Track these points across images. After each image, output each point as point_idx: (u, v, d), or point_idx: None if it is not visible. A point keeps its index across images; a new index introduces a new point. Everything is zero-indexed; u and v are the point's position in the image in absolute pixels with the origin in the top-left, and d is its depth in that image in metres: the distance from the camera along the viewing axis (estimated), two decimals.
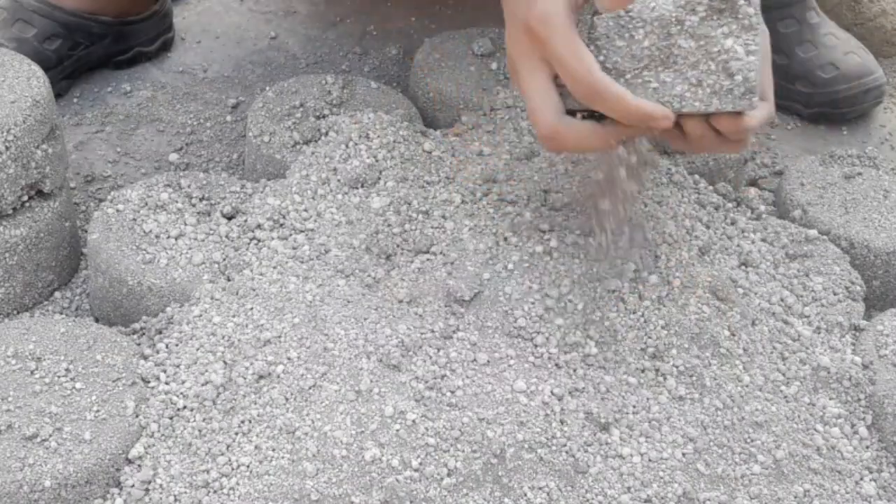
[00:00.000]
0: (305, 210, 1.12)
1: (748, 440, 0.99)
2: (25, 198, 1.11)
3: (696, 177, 1.23)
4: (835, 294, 1.13)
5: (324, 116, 1.25)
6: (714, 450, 0.98)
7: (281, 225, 1.11)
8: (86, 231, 1.22)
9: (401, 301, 1.04)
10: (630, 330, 1.05)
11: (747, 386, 1.03)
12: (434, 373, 0.97)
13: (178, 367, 0.99)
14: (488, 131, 1.21)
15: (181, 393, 0.97)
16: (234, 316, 1.02)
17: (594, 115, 0.96)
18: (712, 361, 1.04)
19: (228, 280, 1.07)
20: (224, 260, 1.09)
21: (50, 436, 0.93)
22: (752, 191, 1.29)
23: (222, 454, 0.93)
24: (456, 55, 1.36)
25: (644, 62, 0.97)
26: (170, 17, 1.52)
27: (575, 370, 1.01)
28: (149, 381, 0.99)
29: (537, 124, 0.96)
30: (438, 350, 1.00)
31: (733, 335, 1.06)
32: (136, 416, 0.96)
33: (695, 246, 1.13)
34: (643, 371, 1.02)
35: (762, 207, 1.24)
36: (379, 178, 1.14)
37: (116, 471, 0.93)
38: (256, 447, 0.93)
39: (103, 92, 1.45)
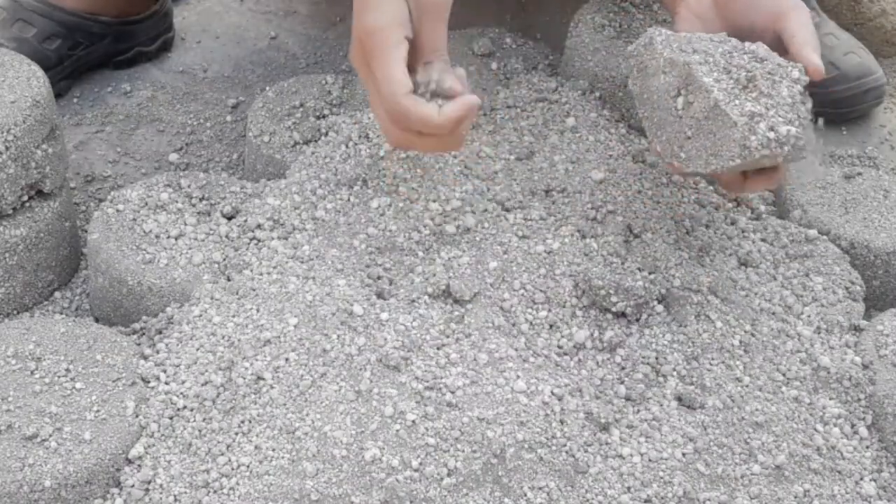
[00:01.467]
0: (305, 210, 1.12)
1: (748, 440, 0.99)
2: (25, 198, 1.11)
3: (696, 177, 1.23)
4: (835, 294, 1.13)
5: (324, 116, 1.25)
6: (714, 450, 0.98)
7: (281, 225, 1.11)
8: (86, 231, 1.22)
9: (401, 301, 1.04)
10: (630, 336, 1.05)
11: (747, 386, 1.03)
12: (434, 373, 0.97)
13: (178, 367, 0.99)
14: (488, 131, 1.21)
15: (181, 393, 0.97)
16: (234, 316, 1.02)
17: None
18: (712, 362, 1.04)
19: (228, 280, 1.07)
20: (224, 260, 1.09)
21: (50, 436, 0.93)
22: None
23: (222, 454, 0.93)
24: (456, 55, 1.36)
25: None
26: (170, 17, 1.52)
27: (575, 370, 1.01)
28: (149, 381, 0.99)
29: (387, 135, 1.00)
30: (438, 350, 1.00)
31: (733, 336, 1.06)
32: (136, 416, 0.96)
33: (695, 246, 1.13)
34: (643, 371, 1.02)
35: (762, 207, 1.24)
36: (379, 178, 1.14)
37: (116, 471, 0.93)
38: (256, 447, 0.93)
39: (103, 92, 1.45)
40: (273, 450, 0.92)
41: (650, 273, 1.08)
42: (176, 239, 1.10)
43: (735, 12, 1.06)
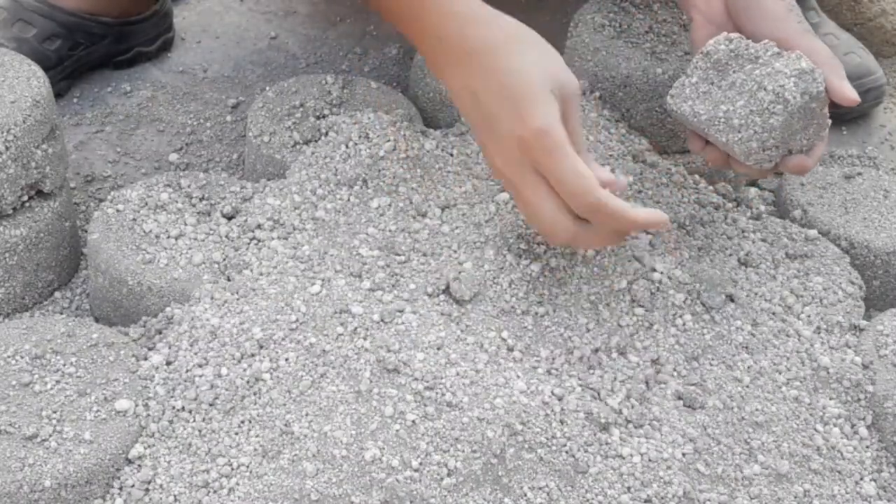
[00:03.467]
0: (305, 210, 1.12)
1: (748, 440, 0.99)
2: (25, 198, 1.11)
3: (696, 177, 1.23)
4: (835, 294, 1.13)
5: (324, 116, 1.25)
6: (714, 450, 0.98)
7: (281, 225, 1.11)
8: (86, 231, 1.22)
9: (401, 301, 1.04)
10: (630, 337, 1.05)
11: (747, 386, 1.03)
12: (434, 373, 0.97)
13: (177, 367, 0.99)
14: None
15: (181, 393, 0.97)
16: (233, 316, 1.02)
17: None
18: (712, 362, 1.04)
19: (228, 280, 1.07)
20: (224, 260, 1.09)
21: (50, 436, 0.93)
22: (752, 191, 1.29)
23: (222, 454, 0.93)
24: None
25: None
26: (170, 17, 1.52)
27: (575, 370, 1.01)
28: (149, 381, 0.99)
29: (555, 234, 0.98)
30: (438, 350, 1.00)
31: (733, 336, 1.06)
32: (136, 416, 0.96)
33: (695, 246, 1.13)
34: (643, 371, 1.02)
35: (762, 207, 1.24)
36: (379, 178, 1.14)
37: (116, 471, 0.93)
38: (256, 447, 0.93)
39: (103, 92, 1.45)
40: (273, 450, 0.92)
41: (650, 273, 1.08)
42: (176, 239, 1.10)
43: (743, 27, 1.09)
